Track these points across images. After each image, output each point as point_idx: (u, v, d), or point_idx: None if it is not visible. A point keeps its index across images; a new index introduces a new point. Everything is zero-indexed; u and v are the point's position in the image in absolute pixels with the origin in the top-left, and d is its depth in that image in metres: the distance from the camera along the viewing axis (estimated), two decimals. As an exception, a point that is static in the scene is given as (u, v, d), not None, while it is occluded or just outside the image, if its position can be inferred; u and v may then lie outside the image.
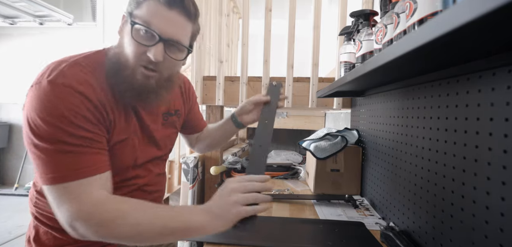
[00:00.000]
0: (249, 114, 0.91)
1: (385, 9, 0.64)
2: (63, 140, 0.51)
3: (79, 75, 0.55)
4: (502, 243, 0.44)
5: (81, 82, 0.55)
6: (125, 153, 0.64)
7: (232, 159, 1.55)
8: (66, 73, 0.54)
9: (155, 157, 0.74)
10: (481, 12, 0.22)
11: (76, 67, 0.56)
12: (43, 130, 0.50)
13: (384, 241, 0.75)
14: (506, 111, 0.43)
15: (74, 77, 0.54)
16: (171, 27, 0.58)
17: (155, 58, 0.57)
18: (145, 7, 0.57)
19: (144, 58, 0.58)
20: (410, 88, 0.75)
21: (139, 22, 0.57)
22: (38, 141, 0.51)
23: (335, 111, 1.79)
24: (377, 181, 0.99)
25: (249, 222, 0.55)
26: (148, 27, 0.57)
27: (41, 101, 0.51)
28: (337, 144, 1.14)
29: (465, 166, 0.53)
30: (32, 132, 0.51)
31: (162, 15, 0.57)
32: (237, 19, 2.55)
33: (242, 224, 0.55)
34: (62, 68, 0.55)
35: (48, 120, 0.50)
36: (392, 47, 0.42)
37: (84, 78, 0.56)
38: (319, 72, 1.39)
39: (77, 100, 0.53)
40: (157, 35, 0.57)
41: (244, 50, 1.44)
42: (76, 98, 0.53)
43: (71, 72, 0.55)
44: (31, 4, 2.91)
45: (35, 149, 0.51)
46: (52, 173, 0.51)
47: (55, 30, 3.86)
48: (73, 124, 0.52)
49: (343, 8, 1.34)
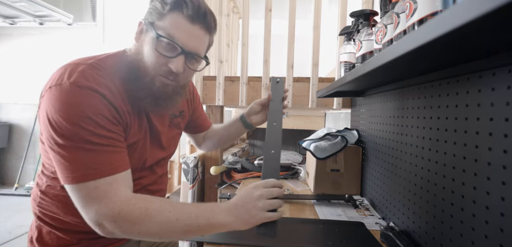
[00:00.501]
0: (258, 115, 0.94)
1: (385, 9, 0.64)
2: (88, 139, 0.52)
3: (98, 78, 0.56)
4: (502, 243, 0.44)
5: (101, 85, 0.56)
6: (135, 155, 0.65)
7: (232, 159, 1.55)
8: (87, 75, 0.55)
9: (161, 159, 0.75)
10: (481, 12, 0.22)
11: (94, 70, 0.57)
12: (66, 130, 0.51)
13: (384, 241, 0.75)
14: (506, 111, 0.43)
15: (94, 80, 0.55)
16: (193, 41, 0.61)
17: (177, 70, 0.61)
18: (168, 20, 0.59)
19: (165, 69, 0.61)
20: (410, 88, 0.75)
21: (163, 35, 0.59)
22: (62, 140, 0.51)
23: (335, 111, 1.79)
24: (377, 181, 0.99)
25: (271, 225, 0.59)
26: (173, 41, 0.59)
27: (63, 102, 0.52)
28: (337, 144, 1.14)
29: (465, 166, 0.53)
30: (55, 132, 0.52)
31: (186, 30, 0.60)
32: (237, 19, 2.55)
33: (264, 228, 0.58)
34: (82, 70, 0.56)
35: (72, 121, 0.51)
36: (392, 47, 0.42)
37: (103, 81, 0.57)
38: (319, 72, 1.39)
39: (98, 102, 0.54)
40: (180, 48, 0.60)
41: (244, 50, 1.44)
42: (97, 100, 0.54)
43: (91, 75, 0.56)
44: (31, 4, 2.91)
45: (59, 148, 0.52)
46: (78, 172, 0.52)
47: (55, 30, 3.86)
48: (96, 123, 0.53)
49: (343, 8, 1.34)
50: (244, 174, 1.45)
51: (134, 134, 0.64)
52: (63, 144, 0.51)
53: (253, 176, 1.43)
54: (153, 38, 0.59)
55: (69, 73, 0.54)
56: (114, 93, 0.58)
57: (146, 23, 0.61)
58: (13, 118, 4.05)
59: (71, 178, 0.52)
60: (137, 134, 0.65)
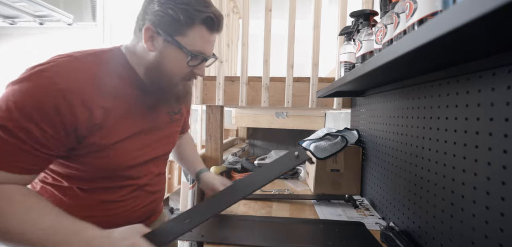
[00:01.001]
0: (205, 188, 0.93)
1: (385, 9, 0.64)
2: (5, 124, 0.49)
3: (71, 72, 0.55)
4: (502, 243, 0.44)
5: (69, 79, 0.53)
6: (128, 150, 0.65)
7: (232, 159, 1.55)
8: (58, 66, 0.54)
9: (159, 155, 0.75)
10: (481, 12, 0.22)
11: (74, 63, 0.56)
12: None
13: (384, 241, 0.75)
14: (506, 111, 0.43)
15: (63, 73, 0.54)
16: (212, 47, 0.67)
17: (202, 75, 0.68)
18: (194, 34, 0.62)
19: (190, 74, 0.67)
20: (410, 88, 0.75)
21: (196, 53, 0.63)
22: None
23: (335, 111, 1.79)
24: (377, 181, 0.99)
25: None
26: (204, 55, 0.64)
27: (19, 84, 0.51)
28: (337, 144, 1.14)
29: (465, 166, 0.53)
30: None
31: (208, 40, 0.65)
32: (237, 19, 2.54)
33: None
34: (59, 62, 0.55)
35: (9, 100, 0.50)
36: (392, 47, 0.42)
37: (76, 75, 0.55)
38: (319, 72, 1.39)
39: (50, 98, 0.51)
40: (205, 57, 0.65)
41: (244, 50, 1.44)
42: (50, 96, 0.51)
43: (64, 67, 0.55)
44: (31, 4, 2.90)
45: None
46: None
47: (55, 30, 3.85)
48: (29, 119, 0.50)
49: (343, 8, 1.34)
50: (244, 174, 1.45)
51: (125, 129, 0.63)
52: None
53: (253, 176, 1.43)
54: (183, 55, 0.62)
55: (48, 61, 0.54)
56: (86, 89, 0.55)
57: (164, 34, 0.60)
58: (13, 118, 4.04)
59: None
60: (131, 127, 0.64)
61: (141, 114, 0.67)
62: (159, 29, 0.60)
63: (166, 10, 0.59)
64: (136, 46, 0.65)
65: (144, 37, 0.61)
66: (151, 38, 0.62)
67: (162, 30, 0.60)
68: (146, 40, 0.62)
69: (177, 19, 0.59)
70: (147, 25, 0.61)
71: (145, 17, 0.62)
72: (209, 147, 1.51)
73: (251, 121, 2.53)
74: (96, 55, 0.62)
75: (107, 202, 0.66)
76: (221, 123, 1.52)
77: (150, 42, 0.62)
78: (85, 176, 0.63)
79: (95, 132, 0.58)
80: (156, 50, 0.62)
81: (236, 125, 2.65)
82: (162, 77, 0.64)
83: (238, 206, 1.03)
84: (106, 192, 0.65)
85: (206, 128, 1.51)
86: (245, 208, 1.02)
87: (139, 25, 0.63)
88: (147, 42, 0.62)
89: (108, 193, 0.65)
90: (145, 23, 0.61)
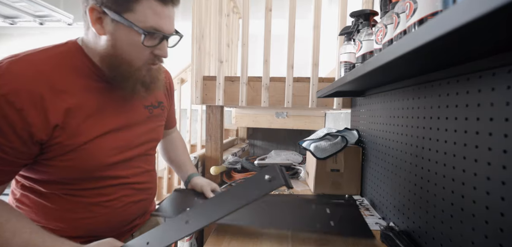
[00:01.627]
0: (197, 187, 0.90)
1: (385, 9, 0.64)
2: None
3: (14, 74, 0.50)
4: (502, 243, 0.44)
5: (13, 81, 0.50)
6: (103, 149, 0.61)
7: (232, 159, 1.55)
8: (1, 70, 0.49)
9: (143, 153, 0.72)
10: (481, 12, 0.22)
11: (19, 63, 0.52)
12: None
13: (384, 241, 0.75)
14: (506, 111, 0.43)
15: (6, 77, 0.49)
16: (171, 23, 0.59)
17: (165, 55, 0.60)
18: (143, 9, 0.55)
19: (151, 57, 0.60)
20: (410, 88, 0.75)
21: (149, 29, 0.56)
22: None
23: (335, 111, 1.79)
24: (377, 181, 0.99)
25: None
26: (160, 32, 0.57)
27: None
28: (337, 144, 1.14)
29: (465, 166, 0.53)
30: None
31: (165, 15, 0.57)
32: (237, 19, 2.54)
33: None
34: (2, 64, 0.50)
35: None
36: (392, 47, 0.42)
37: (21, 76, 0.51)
38: (319, 72, 1.39)
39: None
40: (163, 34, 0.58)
41: (244, 50, 1.44)
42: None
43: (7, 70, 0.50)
44: (31, 4, 2.90)
45: None
46: None
47: (55, 30, 3.85)
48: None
49: (343, 8, 1.34)
50: (244, 174, 1.45)
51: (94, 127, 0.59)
52: None
53: (253, 176, 1.43)
54: (136, 34, 0.55)
55: None
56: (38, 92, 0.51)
57: (111, 12, 0.54)
58: (13, 118, 4.04)
59: None
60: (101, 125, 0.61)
61: (113, 110, 0.63)
62: (105, 7, 0.54)
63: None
64: (87, 33, 0.59)
65: (90, 20, 0.56)
66: (98, 20, 0.56)
67: (107, 9, 0.54)
68: (94, 22, 0.56)
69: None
70: (91, 5, 0.54)
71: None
72: (209, 147, 1.51)
73: (251, 121, 2.53)
74: (46, 52, 0.57)
75: (94, 204, 0.63)
76: (221, 123, 1.52)
77: (99, 25, 0.56)
78: (61, 180, 0.59)
79: (58, 134, 0.54)
80: (107, 33, 0.56)
81: (236, 125, 2.65)
82: (120, 63, 0.58)
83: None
84: (90, 193, 0.62)
85: (206, 128, 1.51)
86: (245, 208, 1.02)
87: (84, 7, 0.56)
88: (95, 25, 0.56)
89: (92, 194, 0.62)
90: (89, 3, 0.55)
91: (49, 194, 0.60)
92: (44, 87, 0.52)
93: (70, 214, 0.61)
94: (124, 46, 0.57)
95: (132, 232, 0.74)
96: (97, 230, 0.64)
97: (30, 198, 0.61)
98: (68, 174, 0.59)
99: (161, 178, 2.35)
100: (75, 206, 0.61)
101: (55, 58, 0.57)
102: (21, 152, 0.52)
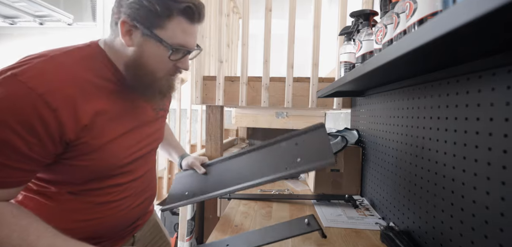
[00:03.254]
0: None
1: (385, 9, 0.64)
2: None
3: (49, 74, 0.51)
4: (502, 243, 0.44)
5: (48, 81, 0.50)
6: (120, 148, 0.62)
7: (232, 159, 1.55)
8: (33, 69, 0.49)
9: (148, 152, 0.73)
10: (481, 12, 0.22)
11: (51, 63, 0.52)
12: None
13: (384, 241, 0.75)
14: (506, 111, 0.43)
15: (41, 76, 0.49)
16: (195, 39, 0.64)
17: (187, 69, 0.65)
18: (173, 26, 0.58)
19: (174, 69, 0.64)
20: (410, 88, 0.75)
21: (177, 46, 0.59)
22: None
23: (335, 111, 1.79)
24: (377, 181, 0.99)
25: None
26: (186, 48, 0.61)
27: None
28: (337, 144, 1.14)
29: (465, 166, 0.53)
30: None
31: (190, 32, 0.61)
32: (237, 19, 2.55)
33: None
34: (34, 63, 0.50)
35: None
36: (392, 47, 0.42)
37: (55, 76, 0.51)
38: (319, 72, 1.39)
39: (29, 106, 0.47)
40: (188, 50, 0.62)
41: (244, 50, 1.44)
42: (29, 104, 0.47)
43: (40, 69, 0.50)
44: (31, 4, 2.91)
45: None
46: None
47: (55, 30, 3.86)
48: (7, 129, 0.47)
49: (343, 8, 1.34)
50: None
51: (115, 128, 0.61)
52: None
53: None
54: (164, 49, 0.59)
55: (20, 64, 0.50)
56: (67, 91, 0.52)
57: (142, 28, 0.57)
58: (13, 118, 4.04)
59: None
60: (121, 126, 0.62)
61: (130, 111, 0.65)
62: (136, 22, 0.57)
63: (141, 2, 0.56)
64: (114, 41, 0.61)
65: (121, 32, 0.57)
66: (128, 32, 0.58)
67: (139, 24, 0.57)
68: (124, 34, 0.58)
69: (154, 10, 0.56)
70: (123, 19, 0.57)
71: (120, 10, 0.58)
72: (209, 147, 1.51)
73: (251, 121, 2.53)
74: (74, 53, 0.58)
75: (99, 204, 0.63)
76: (221, 123, 1.52)
77: (128, 37, 0.58)
78: (75, 180, 0.59)
79: (84, 134, 0.55)
80: (135, 45, 0.59)
81: (236, 125, 2.65)
82: (144, 74, 0.61)
83: (239, 206, 1.03)
84: (98, 193, 0.62)
85: (206, 128, 1.51)
86: (245, 207, 1.02)
87: (115, 18, 0.59)
88: (124, 36, 0.58)
89: (100, 194, 0.63)
90: (120, 16, 0.57)
91: (55, 194, 0.60)
92: (76, 89, 0.54)
93: (74, 214, 0.60)
94: (151, 59, 0.60)
95: (133, 233, 0.74)
96: (102, 231, 0.64)
97: (36, 200, 0.60)
98: (84, 174, 0.59)
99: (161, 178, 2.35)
100: (80, 206, 0.61)
101: (84, 62, 0.58)
102: (48, 151, 0.52)
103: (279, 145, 0.79)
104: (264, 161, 0.79)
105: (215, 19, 1.74)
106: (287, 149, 0.77)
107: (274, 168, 0.74)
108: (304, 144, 0.74)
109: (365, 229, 0.84)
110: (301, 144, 0.75)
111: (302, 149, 0.73)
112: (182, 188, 0.93)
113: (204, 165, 0.96)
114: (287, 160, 0.73)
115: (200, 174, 0.94)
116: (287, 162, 0.73)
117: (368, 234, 0.81)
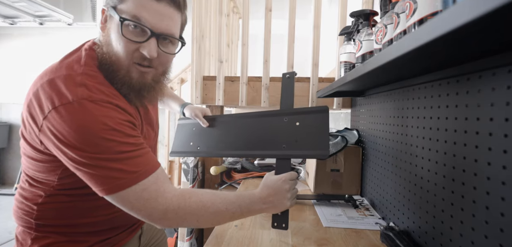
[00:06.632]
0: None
1: (385, 9, 0.64)
2: (118, 149, 0.51)
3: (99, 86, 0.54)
4: (502, 243, 0.44)
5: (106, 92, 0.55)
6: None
7: (232, 159, 1.55)
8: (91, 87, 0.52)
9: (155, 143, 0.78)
10: (481, 12, 0.22)
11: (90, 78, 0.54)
12: (95, 147, 0.49)
13: (384, 241, 0.75)
14: (506, 111, 0.43)
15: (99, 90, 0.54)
16: (162, 20, 0.56)
17: (150, 54, 0.56)
18: (130, 0, 0.55)
19: (138, 55, 0.57)
20: (410, 88, 0.75)
21: (127, 17, 0.54)
22: (91, 158, 0.50)
23: (335, 111, 1.79)
24: (377, 181, 0.99)
25: (285, 215, 0.71)
26: (139, 22, 0.54)
27: (82, 121, 0.49)
28: (337, 144, 1.14)
29: (465, 166, 0.53)
30: (81, 152, 0.49)
31: (152, 8, 0.54)
32: (237, 19, 2.54)
33: (280, 218, 0.71)
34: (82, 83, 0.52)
35: (98, 136, 0.49)
36: (392, 47, 0.42)
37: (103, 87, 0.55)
38: (319, 72, 1.39)
39: (114, 111, 0.54)
40: (149, 30, 0.55)
41: (244, 50, 1.44)
42: (113, 109, 0.53)
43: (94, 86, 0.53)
44: (31, 4, 2.91)
45: (90, 165, 0.50)
46: (118, 180, 0.51)
47: (55, 30, 3.86)
48: (121, 133, 0.53)
49: (343, 8, 1.34)
50: (244, 174, 1.45)
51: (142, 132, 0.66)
52: (93, 161, 0.50)
53: (253, 176, 1.43)
54: (118, 23, 0.54)
55: (70, 89, 0.50)
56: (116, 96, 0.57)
57: (108, 8, 0.56)
58: (13, 118, 4.05)
59: (112, 188, 0.51)
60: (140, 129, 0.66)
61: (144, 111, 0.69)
62: (107, 5, 0.57)
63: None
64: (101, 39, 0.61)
65: (101, 21, 0.59)
66: (105, 20, 0.59)
67: (107, 6, 0.57)
68: (101, 24, 0.59)
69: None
70: (102, 7, 0.58)
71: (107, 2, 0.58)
72: (209, 147, 1.51)
73: (251, 121, 2.53)
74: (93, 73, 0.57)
75: None
76: (221, 123, 1.52)
77: (104, 23, 0.59)
78: None
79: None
80: (106, 29, 0.58)
81: (236, 124, 2.64)
82: (112, 61, 0.57)
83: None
84: None
85: (206, 128, 1.51)
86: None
87: None
88: (103, 24, 0.59)
89: None
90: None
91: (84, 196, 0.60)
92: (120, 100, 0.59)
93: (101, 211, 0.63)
94: (113, 39, 0.56)
95: (142, 225, 0.77)
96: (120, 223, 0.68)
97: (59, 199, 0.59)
98: None
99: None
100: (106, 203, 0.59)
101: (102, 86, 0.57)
102: None
103: (282, 119, 0.80)
104: (266, 130, 0.81)
105: (215, 19, 1.74)
106: (288, 126, 0.79)
107: (274, 143, 0.78)
108: (304, 125, 0.76)
109: (365, 229, 0.84)
110: (301, 125, 0.77)
111: (302, 131, 0.76)
112: (186, 138, 0.97)
113: (206, 118, 0.95)
114: (286, 138, 0.76)
115: (203, 127, 0.94)
116: (286, 140, 0.76)
117: (368, 234, 0.81)
